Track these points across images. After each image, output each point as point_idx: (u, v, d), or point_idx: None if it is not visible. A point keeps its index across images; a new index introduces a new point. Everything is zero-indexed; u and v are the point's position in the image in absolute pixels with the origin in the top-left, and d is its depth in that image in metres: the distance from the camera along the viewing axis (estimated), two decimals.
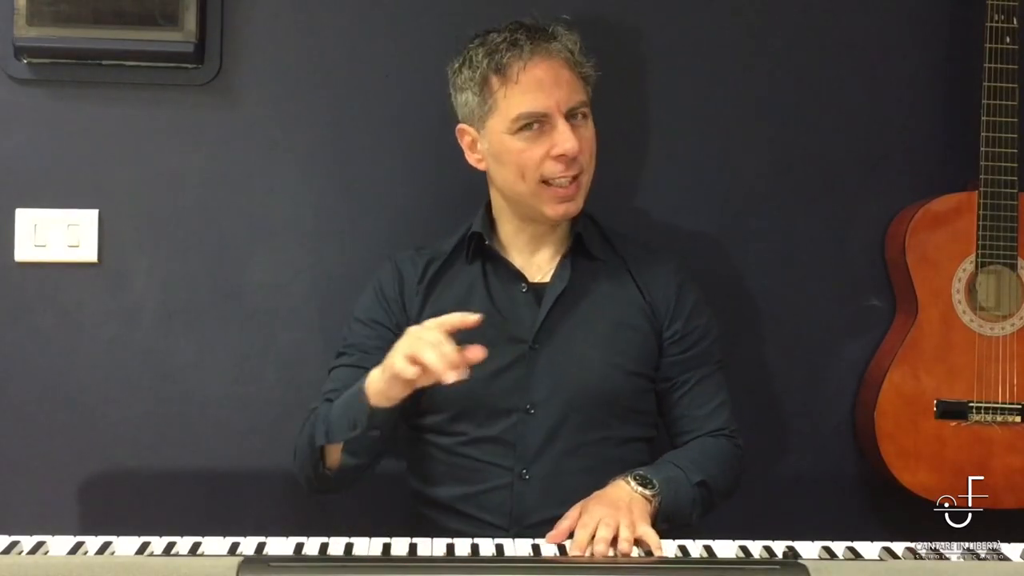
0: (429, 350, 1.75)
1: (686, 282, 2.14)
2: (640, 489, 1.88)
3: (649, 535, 1.77)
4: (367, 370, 1.93)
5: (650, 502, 1.87)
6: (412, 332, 1.82)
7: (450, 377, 1.74)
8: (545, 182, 2.02)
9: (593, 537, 1.77)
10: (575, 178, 2.02)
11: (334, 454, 1.96)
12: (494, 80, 2.02)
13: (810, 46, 2.43)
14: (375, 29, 2.40)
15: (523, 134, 2.01)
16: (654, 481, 1.90)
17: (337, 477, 1.98)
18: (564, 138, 1.99)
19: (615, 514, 1.79)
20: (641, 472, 1.92)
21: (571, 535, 1.80)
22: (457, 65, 2.09)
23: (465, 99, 2.07)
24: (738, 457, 2.10)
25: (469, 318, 1.81)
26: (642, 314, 2.09)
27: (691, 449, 2.07)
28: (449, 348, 1.76)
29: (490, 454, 2.03)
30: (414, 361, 1.76)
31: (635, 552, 1.75)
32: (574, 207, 2.05)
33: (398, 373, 1.79)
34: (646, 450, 2.10)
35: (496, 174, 2.08)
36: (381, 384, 1.86)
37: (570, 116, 2.01)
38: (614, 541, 1.75)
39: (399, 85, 2.39)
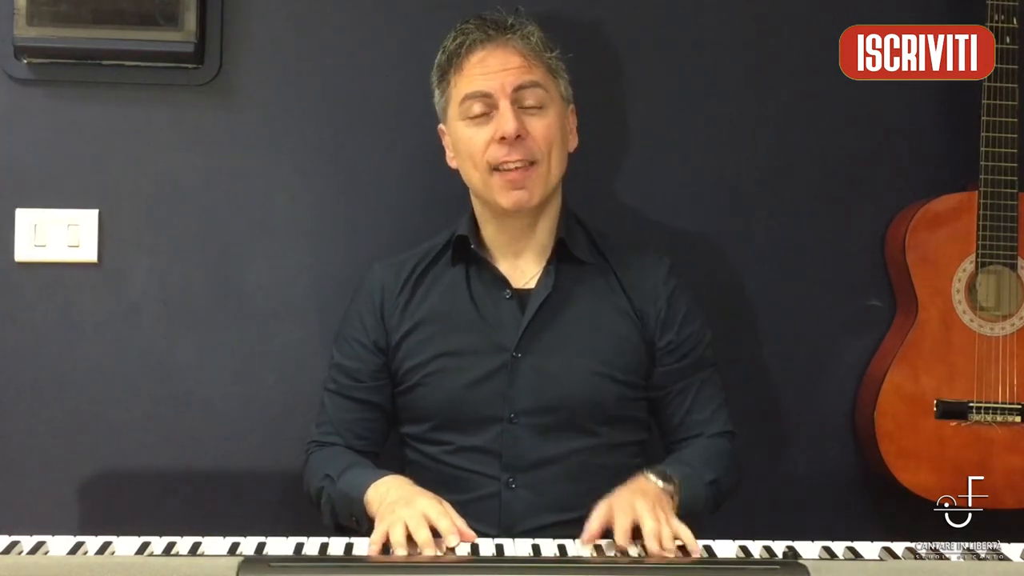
0: (444, 520, 1.74)
1: (677, 289, 2.10)
2: (662, 484, 1.85)
3: (685, 533, 1.74)
4: (352, 399, 2.06)
5: (672, 498, 1.85)
6: (426, 504, 1.78)
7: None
8: (496, 169, 2.00)
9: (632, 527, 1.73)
10: (530, 165, 1.99)
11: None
12: (449, 72, 2.04)
13: (810, 44, 2.43)
14: (375, 29, 2.40)
15: (472, 121, 2.01)
16: (674, 478, 1.88)
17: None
18: (504, 120, 1.97)
19: (652, 503, 1.75)
20: (661, 468, 1.90)
21: (602, 535, 1.76)
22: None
23: (435, 98, 2.10)
24: (736, 457, 2.09)
25: (469, 535, 1.76)
26: (629, 321, 2.06)
27: (697, 450, 2.05)
28: (461, 522, 1.76)
29: (476, 463, 2.01)
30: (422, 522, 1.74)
31: (633, 552, 1.74)
32: (526, 196, 1.99)
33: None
34: (638, 453, 2.09)
35: (460, 168, 2.08)
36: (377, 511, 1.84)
37: (520, 102, 1.99)
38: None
39: (399, 85, 2.38)
